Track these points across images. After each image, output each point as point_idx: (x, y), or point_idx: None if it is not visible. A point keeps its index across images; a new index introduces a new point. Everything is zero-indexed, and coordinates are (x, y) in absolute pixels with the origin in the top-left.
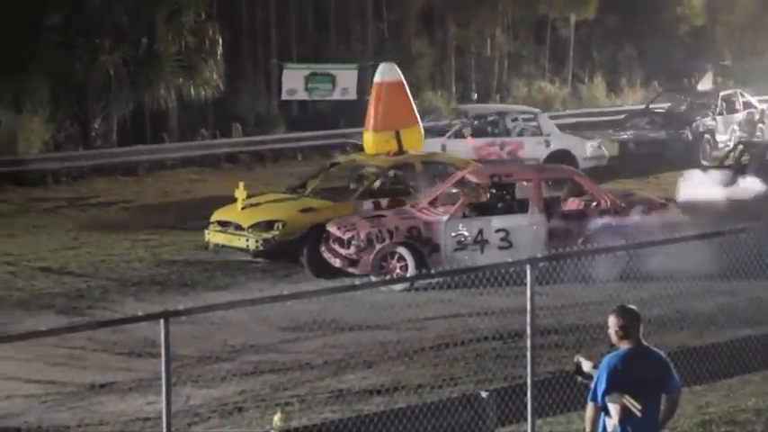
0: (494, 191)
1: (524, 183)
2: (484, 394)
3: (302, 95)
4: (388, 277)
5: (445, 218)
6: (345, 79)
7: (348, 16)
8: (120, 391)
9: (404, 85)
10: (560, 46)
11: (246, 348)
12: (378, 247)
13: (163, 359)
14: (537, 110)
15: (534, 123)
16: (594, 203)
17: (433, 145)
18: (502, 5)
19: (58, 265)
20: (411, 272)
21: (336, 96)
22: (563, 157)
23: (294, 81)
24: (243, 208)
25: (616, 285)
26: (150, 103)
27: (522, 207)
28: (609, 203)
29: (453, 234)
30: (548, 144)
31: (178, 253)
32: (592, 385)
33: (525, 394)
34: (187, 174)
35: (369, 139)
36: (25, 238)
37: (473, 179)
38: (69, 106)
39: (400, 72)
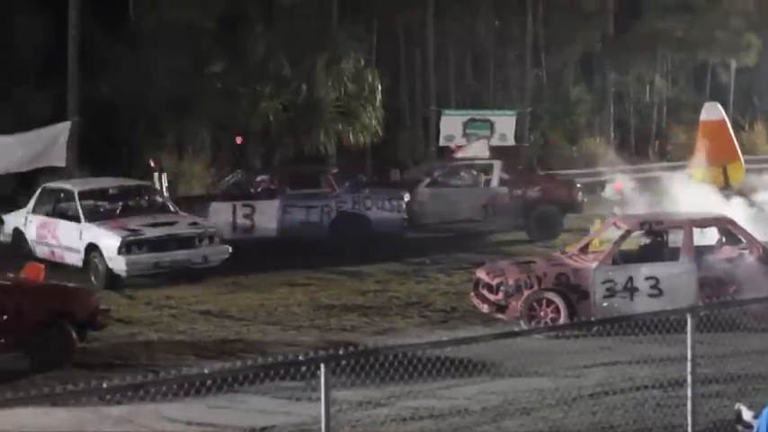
0: (644, 238)
1: (676, 230)
2: None
3: (460, 141)
4: (541, 323)
5: (594, 265)
6: (503, 125)
7: (506, 63)
8: None
9: (726, 122)
10: (720, 92)
11: (404, 394)
12: (526, 293)
13: (323, 403)
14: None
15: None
16: (748, 252)
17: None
18: (661, 51)
19: (218, 308)
20: (563, 318)
21: (494, 142)
22: None
23: (452, 127)
24: None
25: None
26: (310, 149)
27: (672, 255)
28: (762, 252)
29: (602, 281)
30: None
31: (336, 297)
32: None
33: None
34: None
35: (699, 174)
36: (187, 282)
37: (623, 226)
38: (230, 151)
39: (723, 110)
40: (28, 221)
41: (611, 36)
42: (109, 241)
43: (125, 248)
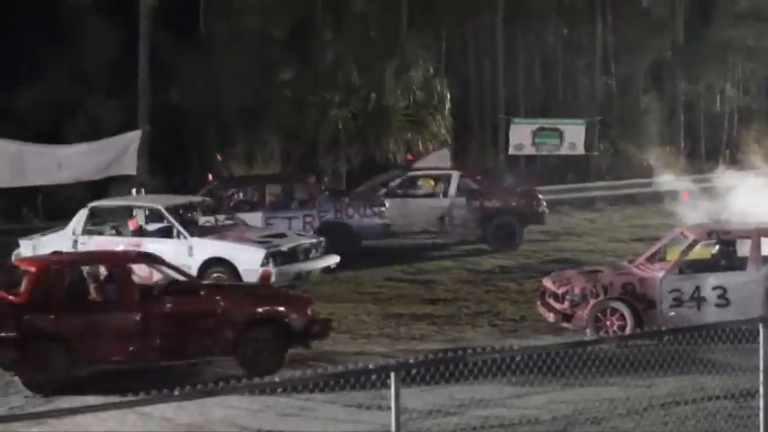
0: (712, 248)
1: (743, 240)
2: None
3: (529, 150)
4: (608, 333)
5: (661, 274)
6: (573, 134)
7: (576, 71)
8: None
9: None
10: None
11: (474, 403)
12: (592, 302)
13: (393, 412)
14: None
15: None
16: None
17: None
18: (732, 60)
19: None
20: (629, 327)
21: (564, 151)
22: None
23: (521, 136)
24: None
25: None
26: (379, 157)
27: (740, 264)
28: None
29: (669, 290)
30: None
31: (406, 306)
32: None
33: None
34: None
35: None
36: None
37: (690, 235)
38: (299, 160)
39: None
40: (79, 244)
41: (682, 44)
42: (247, 254)
43: (268, 260)
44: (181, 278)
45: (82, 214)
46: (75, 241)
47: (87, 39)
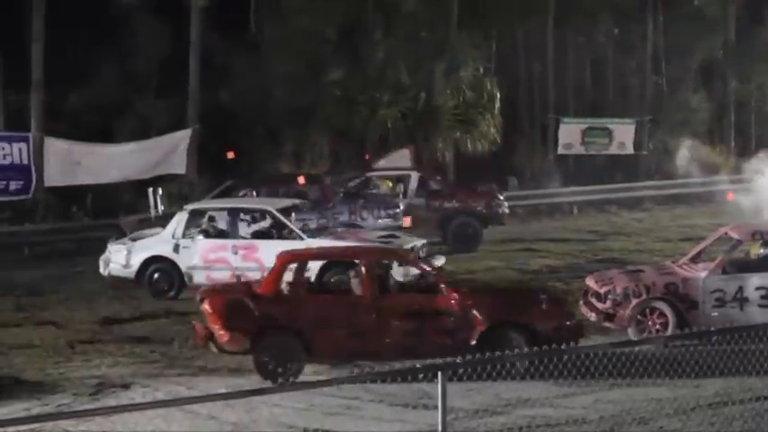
0: (759, 248)
1: None
2: None
3: (579, 149)
4: (651, 333)
5: (704, 274)
6: (622, 134)
7: (626, 71)
8: None
9: None
10: None
11: (521, 402)
12: (634, 302)
13: (439, 411)
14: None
15: None
16: None
17: None
18: None
19: None
20: (671, 327)
21: (613, 151)
22: None
23: (571, 135)
24: None
25: None
26: (428, 156)
27: None
28: None
29: (712, 291)
30: None
31: None
32: None
33: None
34: None
35: None
36: None
37: (735, 236)
38: (349, 160)
39: None
40: (182, 248)
41: (733, 44)
42: None
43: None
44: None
45: (181, 217)
46: (177, 245)
47: (138, 39)
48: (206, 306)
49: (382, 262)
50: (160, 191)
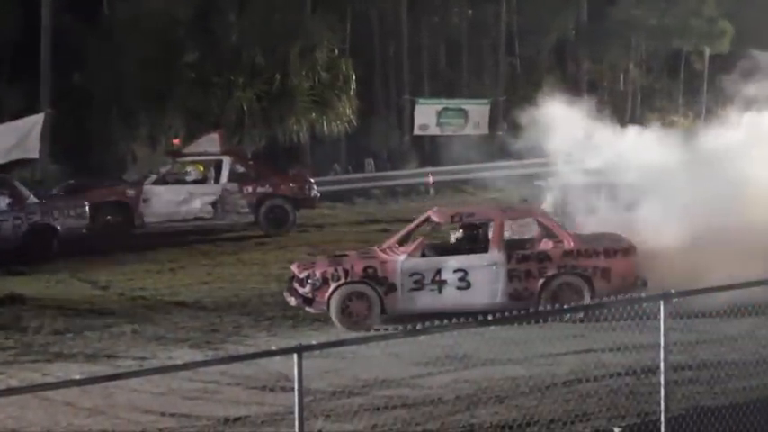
0: (456, 231)
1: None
2: (617, 430)
3: (434, 130)
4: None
5: (402, 257)
6: (478, 114)
7: (480, 51)
8: (253, 425)
9: None
10: (694, 80)
11: (378, 383)
12: (333, 285)
13: (296, 393)
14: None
15: None
16: (560, 245)
17: None
18: (635, 40)
19: (193, 299)
20: (375, 311)
21: (469, 131)
22: None
23: (426, 116)
24: None
25: (752, 321)
26: (283, 138)
27: (483, 247)
28: (572, 244)
29: (410, 274)
30: None
31: None
32: None
33: (659, 430)
34: (320, 208)
35: None
36: (162, 274)
37: (435, 219)
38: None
39: None
40: None
41: (586, 24)
42: None
43: None
44: None
45: None
46: None
47: None
48: None
49: None
50: None
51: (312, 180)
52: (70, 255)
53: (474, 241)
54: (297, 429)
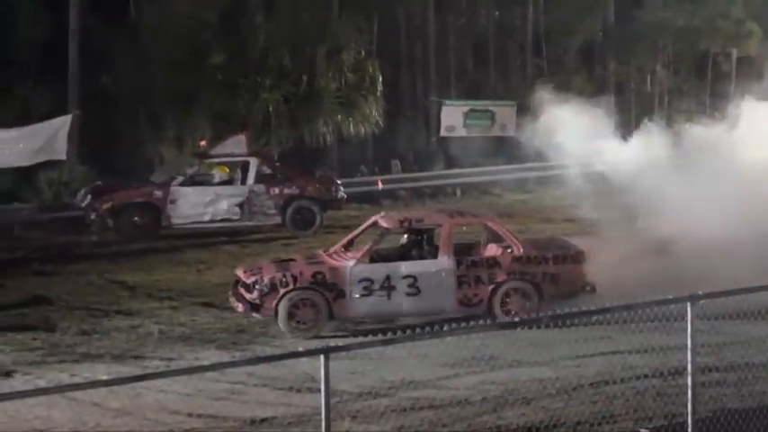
0: (405, 237)
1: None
2: None
3: (461, 132)
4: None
5: (351, 263)
6: (504, 116)
7: (507, 53)
8: (280, 426)
9: None
10: (721, 81)
11: (405, 384)
12: (282, 291)
13: (323, 394)
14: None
15: None
16: (509, 250)
17: None
18: (662, 41)
19: (220, 300)
20: (323, 318)
21: (495, 133)
22: None
23: (453, 118)
24: None
25: None
26: (310, 140)
27: (432, 253)
28: (521, 250)
29: (359, 280)
30: None
31: None
32: None
33: None
34: (347, 210)
35: None
36: (189, 275)
37: (383, 224)
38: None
39: None
40: None
41: (612, 25)
42: None
43: None
44: None
45: None
46: None
47: (16, 24)
48: None
49: None
50: None
51: (339, 182)
52: (98, 256)
53: (423, 247)
54: (323, 430)
